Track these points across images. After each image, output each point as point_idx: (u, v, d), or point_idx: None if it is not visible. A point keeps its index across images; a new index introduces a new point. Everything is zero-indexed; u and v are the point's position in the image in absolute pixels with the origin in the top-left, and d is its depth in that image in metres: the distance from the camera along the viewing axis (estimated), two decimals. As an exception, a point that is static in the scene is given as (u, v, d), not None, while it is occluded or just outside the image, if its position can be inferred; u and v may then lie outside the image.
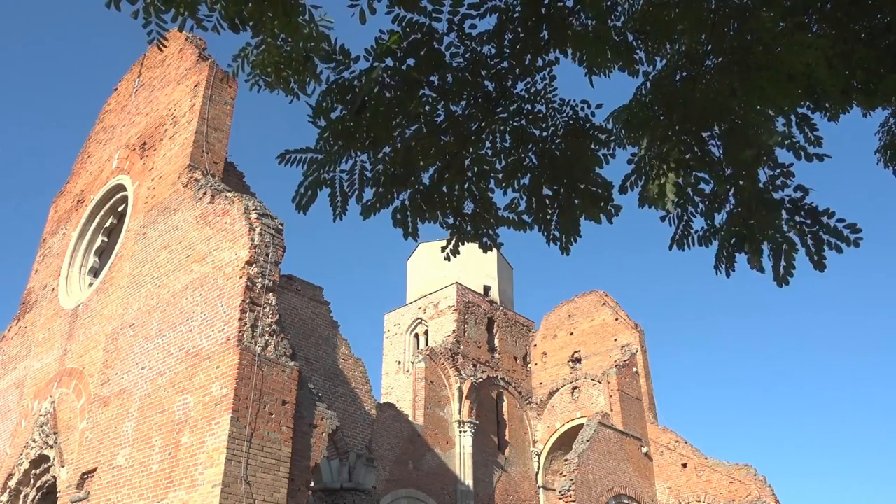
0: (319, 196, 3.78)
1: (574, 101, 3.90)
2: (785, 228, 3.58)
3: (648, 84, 3.88)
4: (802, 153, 3.54)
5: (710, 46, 3.75)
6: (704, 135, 3.72)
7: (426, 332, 29.69)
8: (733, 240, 3.71)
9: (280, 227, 11.84)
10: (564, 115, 3.90)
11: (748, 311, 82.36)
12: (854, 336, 77.79)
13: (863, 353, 76.51)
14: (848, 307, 79.35)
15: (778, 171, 3.65)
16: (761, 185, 3.64)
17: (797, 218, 3.56)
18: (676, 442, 26.62)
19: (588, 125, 3.88)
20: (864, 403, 74.19)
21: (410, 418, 23.95)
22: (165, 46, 3.68)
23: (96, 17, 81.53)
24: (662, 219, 3.82)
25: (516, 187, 3.93)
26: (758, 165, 3.61)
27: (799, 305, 79.81)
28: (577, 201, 3.82)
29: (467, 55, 3.74)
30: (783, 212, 3.58)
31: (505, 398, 28.62)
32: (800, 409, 77.12)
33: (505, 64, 3.79)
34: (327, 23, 3.54)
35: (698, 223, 3.87)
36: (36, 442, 14.35)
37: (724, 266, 3.80)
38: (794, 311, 79.72)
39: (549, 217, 3.89)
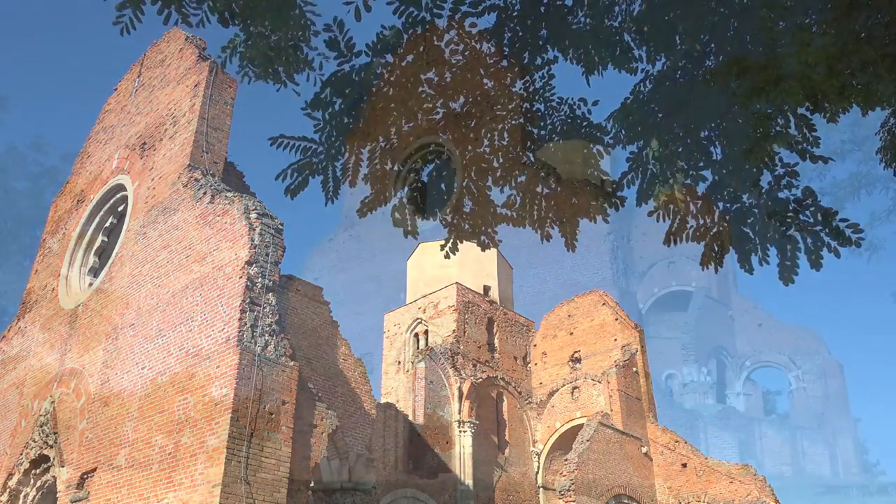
0: (311, 184, 3.79)
1: (572, 99, 3.90)
2: (786, 228, 3.57)
3: (648, 83, 3.87)
4: (808, 155, 3.52)
5: (710, 47, 3.75)
6: (704, 135, 3.71)
7: (426, 332, 29.66)
8: (721, 240, 3.71)
9: (280, 227, 11.85)
10: (562, 113, 3.89)
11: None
12: (855, 336, 77.77)
13: (863, 353, 76.48)
14: (849, 307, 79.28)
15: (784, 170, 3.64)
16: (765, 186, 3.63)
17: (801, 217, 3.56)
18: (676, 442, 26.60)
19: (585, 123, 3.87)
20: (865, 403, 74.12)
21: (410, 418, 23.93)
22: (128, 33, 3.65)
23: (95, 16, 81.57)
24: (650, 214, 3.82)
25: (514, 185, 3.93)
26: (760, 164, 3.60)
27: (799, 305, 79.78)
28: (575, 200, 3.81)
29: (467, 53, 3.74)
30: (788, 211, 3.58)
31: (505, 398, 28.59)
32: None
33: (504, 62, 3.79)
34: (315, 16, 3.54)
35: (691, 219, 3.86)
36: (36, 442, 14.35)
37: (712, 263, 3.81)
38: (795, 310, 79.68)
39: (546, 215, 3.89)
